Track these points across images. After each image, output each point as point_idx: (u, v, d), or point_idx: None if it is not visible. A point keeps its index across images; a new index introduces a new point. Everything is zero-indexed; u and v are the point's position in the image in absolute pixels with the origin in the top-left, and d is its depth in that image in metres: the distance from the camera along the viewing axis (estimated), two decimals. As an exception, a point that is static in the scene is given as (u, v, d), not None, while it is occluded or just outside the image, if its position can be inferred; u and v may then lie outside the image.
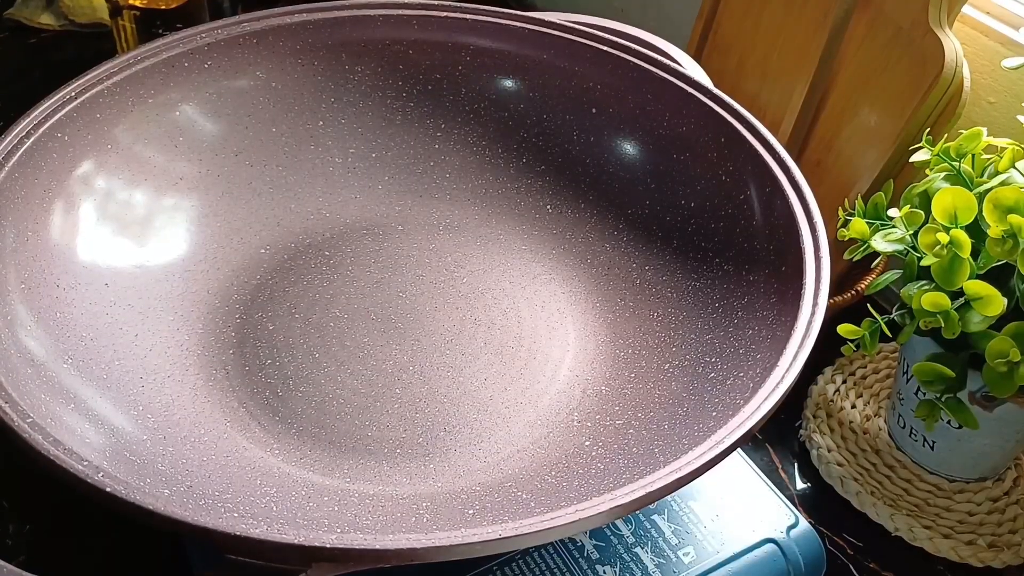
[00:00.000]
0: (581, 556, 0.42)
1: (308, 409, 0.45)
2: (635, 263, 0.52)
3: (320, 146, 0.56)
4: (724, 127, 0.50)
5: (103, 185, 0.48)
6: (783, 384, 0.37)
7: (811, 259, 0.43)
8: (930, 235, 0.41)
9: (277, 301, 0.50)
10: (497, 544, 0.32)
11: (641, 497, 0.33)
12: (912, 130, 0.52)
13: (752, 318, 0.44)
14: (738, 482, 0.45)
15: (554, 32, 0.55)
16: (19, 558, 0.45)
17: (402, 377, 0.46)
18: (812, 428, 0.54)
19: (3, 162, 0.43)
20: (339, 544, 0.31)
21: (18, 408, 0.34)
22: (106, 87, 0.48)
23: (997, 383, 0.41)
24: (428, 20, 0.56)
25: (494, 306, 0.50)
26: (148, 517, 0.31)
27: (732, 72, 0.65)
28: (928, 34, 0.51)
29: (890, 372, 0.57)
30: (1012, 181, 0.42)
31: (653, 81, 0.53)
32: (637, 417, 0.44)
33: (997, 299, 0.40)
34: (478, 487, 0.41)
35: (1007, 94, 0.54)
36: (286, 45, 0.54)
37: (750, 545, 0.42)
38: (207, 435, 0.42)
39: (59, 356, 0.41)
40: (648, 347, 0.48)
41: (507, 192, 0.56)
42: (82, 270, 0.45)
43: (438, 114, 0.57)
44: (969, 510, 0.50)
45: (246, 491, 0.39)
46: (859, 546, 0.49)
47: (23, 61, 0.79)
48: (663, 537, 0.43)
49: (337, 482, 0.41)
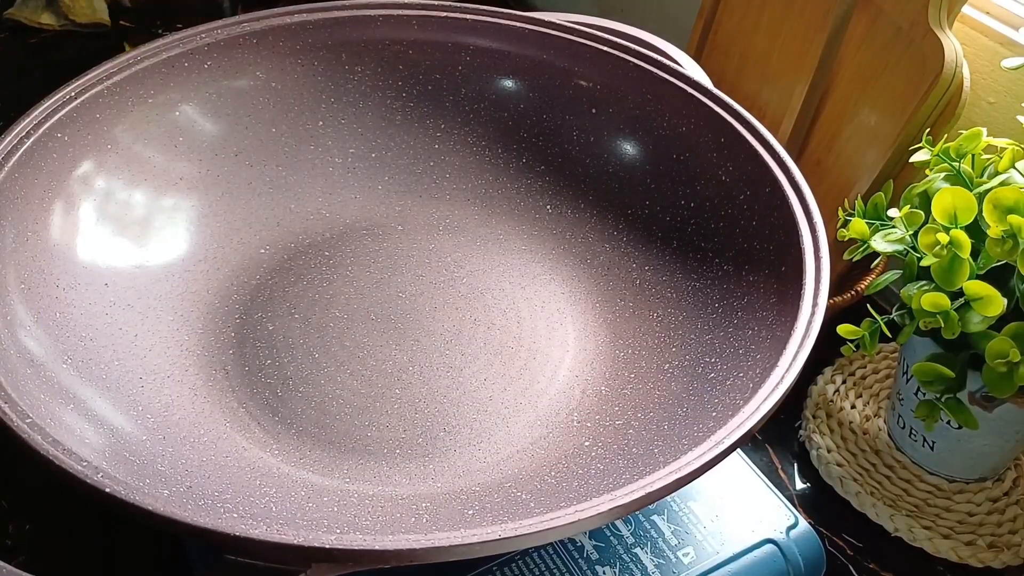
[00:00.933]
0: (581, 556, 0.42)
1: (308, 409, 0.45)
2: (635, 263, 0.52)
3: (320, 146, 0.56)
4: (724, 127, 0.50)
5: (103, 185, 0.48)
6: (783, 384, 0.37)
7: (811, 259, 0.43)
8: (930, 235, 0.41)
9: (277, 301, 0.50)
10: (497, 544, 0.32)
11: (641, 497, 0.33)
12: (912, 130, 0.52)
13: (752, 318, 0.44)
14: (738, 482, 0.45)
15: (554, 32, 0.55)
16: (19, 558, 0.45)
17: (402, 377, 0.46)
18: (812, 428, 0.54)
19: (3, 162, 0.43)
20: (339, 544, 0.31)
21: (18, 408, 0.34)
22: (106, 87, 0.48)
23: (997, 383, 0.41)
24: (428, 20, 0.56)
25: (494, 306, 0.50)
26: (148, 517, 0.31)
27: (732, 72, 0.65)
28: (928, 34, 0.51)
29: (890, 372, 0.57)
30: (1012, 181, 0.42)
31: (653, 81, 0.53)
32: (637, 417, 0.44)
33: (997, 299, 0.39)
34: (478, 487, 0.41)
35: (1007, 94, 0.54)
36: (286, 45, 0.54)
37: (750, 545, 0.42)
38: (207, 435, 0.42)
39: (58, 356, 0.41)
40: (648, 347, 0.48)
41: (507, 192, 0.56)
42: (82, 270, 0.45)
43: (438, 114, 0.57)
44: (969, 510, 0.50)
45: (246, 491, 0.39)
46: (859, 546, 0.49)
47: (23, 61, 0.79)
48: (663, 537, 0.43)
49: (337, 482, 0.41)
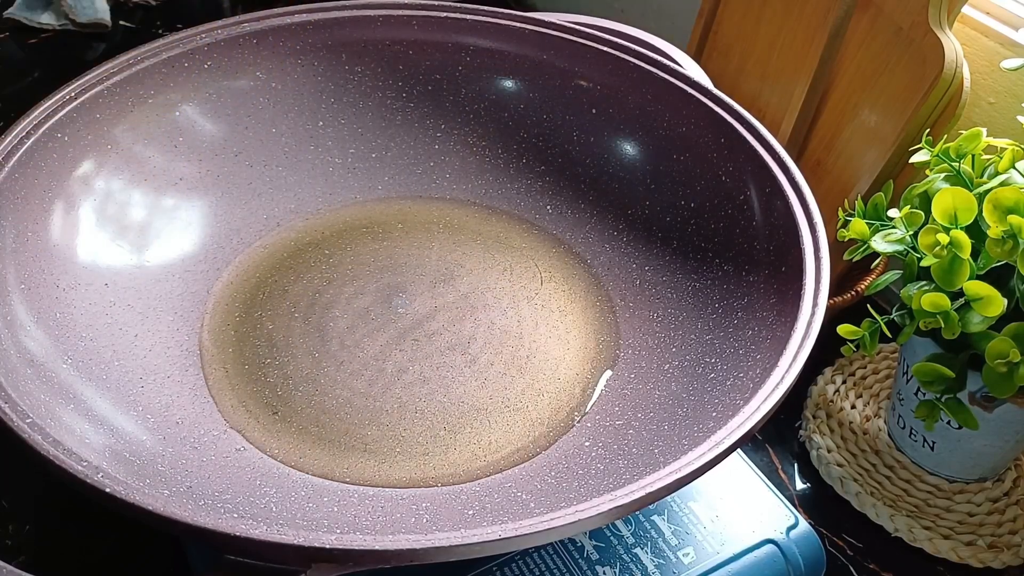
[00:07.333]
0: (581, 557, 0.42)
1: (308, 409, 0.45)
2: (635, 263, 0.52)
3: (320, 146, 0.56)
4: (724, 127, 0.50)
5: (103, 185, 0.48)
6: (783, 385, 0.37)
7: (811, 259, 0.43)
8: (930, 235, 0.41)
9: (277, 300, 0.50)
10: (497, 544, 0.32)
11: (641, 498, 0.33)
12: (912, 130, 0.52)
13: (752, 318, 0.44)
14: (738, 483, 0.45)
15: (554, 32, 0.55)
16: (19, 558, 0.45)
17: (402, 377, 0.46)
18: (812, 428, 0.54)
19: (3, 162, 0.43)
20: (339, 544, 0.31)
21: (18, 408, 0.34)
22: (106, 87, 0.48)
23: (997, 384, 0.41)
24: (428, 20, 0.56)
25: (494, 305, 0.50)
26: (148, 517, 0.31)
27: (732, 72, 0.65)
28: (928, 34, 0.51)
29: (890, 372, 0.57)
30: (1012, 181, 0.42)
31: (653, 81, 0.53)
32: (637, 417, 0.44)
33: (997, 299, 0.39)
34: (478, 487, 0.41)
35: (1007, 94, 0.54)
36: (286, 45, 0.54)
37: (750, 546, 0.42)
38: (207, 435, 0.42)
39: (59, 356, 0.41)
40: (648, 347, 0.48)
41: (507, 192, 0.56)
42: (82, 270, 0.45)
43: (438, 114, 0.57)
44: (969, 511, 0.50)
45: (246, 491, 0.39)
46: (859, 547, 0.49)
47: (23, 61, 0.79)
48: (663, 538, 0.43)
49: (337, 482, 0.41)
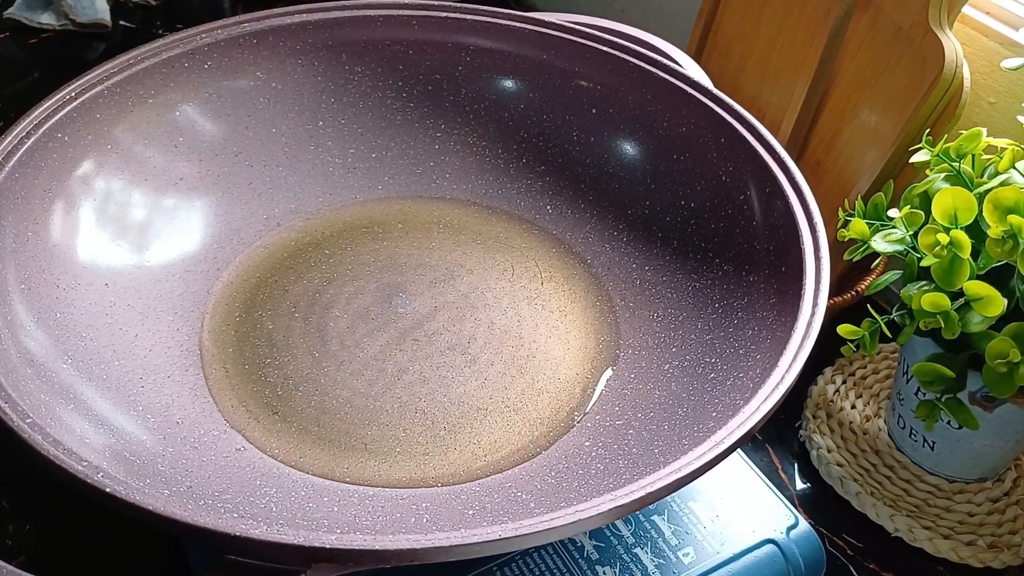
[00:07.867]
0: (581, 557, 0.42)
1: (308, 409, 0.45)
2: (635, 263, 0.52)
3: (320, 146, 0.56)
4: (724, 127, 0.50)
5: (103, 185, 0.48)
6: (783, 384, 0.37)
7: (811, 259, 0.43)
8: (930, 235, 0.41)
9: (277, 300, 0.50)
10: (497, 544, 0.32)
11: (641, 498, 0.33)
12: (912, 130, 0.52)
13: (752, 318, 0.44)
14: (738, 483, 0.45)
15: (554, 32, 0.55)
16: (19, 558, 0.45)
17: (402, 377, 0.46)
18: (812, 428, 0.54)
19: (3, 162, 0.43)
20: (339, 544, 0.31)
21: (18, 408, 0.34)
22: (106, 87, 0.48)
23: (997, 384, 0.41)
24: (428, 20, 0.56)
25: (494, 305, 0.50)
26: (148, 517, 0.31)
27: (732, 72, 0.65)
28: (928, 34, 0.51)
29: (890, 372, 0.57)
30: (1012, 181, 0.42)
31: (653, 81, 0.53)
32: (637, 417, 0.44)
33: (997, 299, 0.39)
34: (478, 487, 0.41)
35: (1007, 94, 0.54)
36: (286, 45, 0.54)
37: (750, 546, 0.42)
38: (207, 435, 0.42)
39: (59, 356, 0.41)
40: (648, 347, 0.48)
41: (507, 192, 0.56)
42: (82, 270, 0.45)
43: (438, 114, 0.57)
44: (969, 511, 0.50)
45: (246, 491, 0.39)
46: (859, 547, 0.49)
47: (23, 61, 0.79)
48: (663, 538, 0.43)
49: (337, 482, 0.41)
